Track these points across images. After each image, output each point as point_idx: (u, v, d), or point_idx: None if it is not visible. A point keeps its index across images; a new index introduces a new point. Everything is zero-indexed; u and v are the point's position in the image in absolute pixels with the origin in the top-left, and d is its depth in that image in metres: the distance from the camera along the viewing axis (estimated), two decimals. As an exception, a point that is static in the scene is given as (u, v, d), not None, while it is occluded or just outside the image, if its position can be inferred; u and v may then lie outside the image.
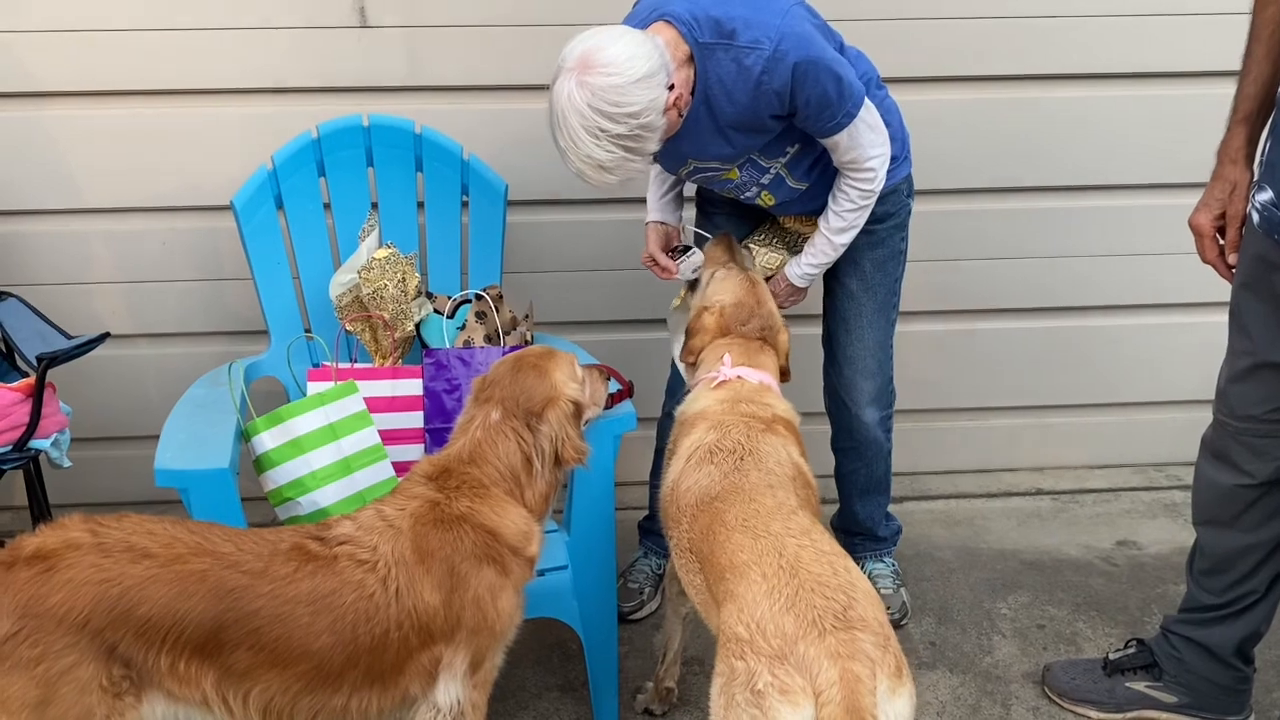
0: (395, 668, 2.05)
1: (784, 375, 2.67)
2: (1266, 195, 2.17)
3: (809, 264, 2.77)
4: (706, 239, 2.88)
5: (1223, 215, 2.35)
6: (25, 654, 1.81)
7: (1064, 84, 3.55)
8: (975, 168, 3.61)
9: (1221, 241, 2.38)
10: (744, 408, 2.42)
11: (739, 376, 2.50)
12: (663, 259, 2.83)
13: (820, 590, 1.81)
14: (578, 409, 2.31)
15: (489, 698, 2.25)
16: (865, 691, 1.69)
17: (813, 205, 2.75)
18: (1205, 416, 2.56)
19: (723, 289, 2.68)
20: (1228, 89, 2.36)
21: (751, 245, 2.88)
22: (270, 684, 1.97)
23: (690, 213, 3.08)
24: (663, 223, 2.89)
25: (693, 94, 2.43)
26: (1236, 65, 2.34)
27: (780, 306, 2.79)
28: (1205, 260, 2.43)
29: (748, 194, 2.75)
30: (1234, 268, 2.36)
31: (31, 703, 1.82)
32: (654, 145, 2.37)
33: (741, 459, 2.26)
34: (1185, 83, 3.52)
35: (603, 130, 2.26)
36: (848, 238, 2.71)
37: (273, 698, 1.98)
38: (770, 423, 2.39)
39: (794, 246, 2.87)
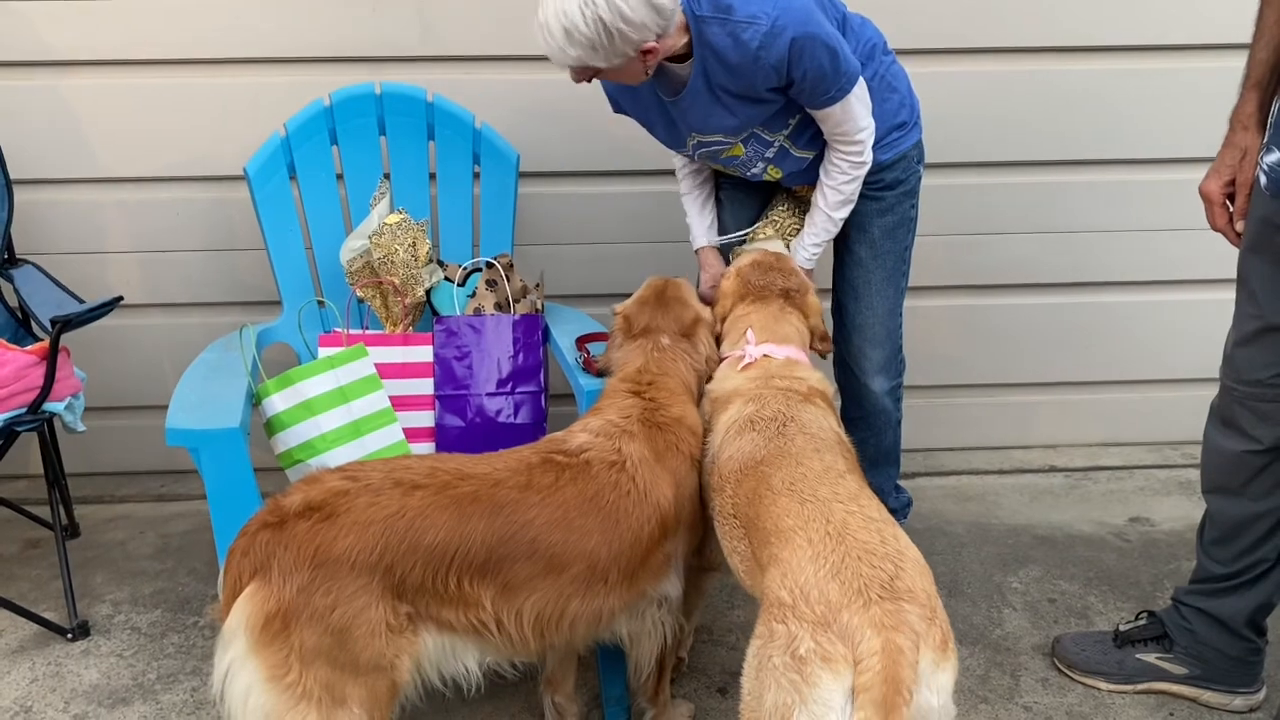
0: (643, 563, 2.16)
1: (816, 339, 2.65)
2: (1274, 156, 2.16)
3: (811, 243, 2.78)
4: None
5: (1233, 182, 2.33)
6: (319, 603, 1.85)
7: (1074, 57, 3.53)
8: (986, 141, 3.59)
9: (1231, 208, 2.37)
10: (777, 382, 2.41)
11: (765, 355, 2.48)
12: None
13: (867, 558, 1.79)
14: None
15: None
16: (906, 664, 1.66)
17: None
18: (1219, 392, 2.54)
19: (744, 257, 2.71)
20: (1239, 61, 2.34)
21: (775, 217, 2.89)
22: (546, 592, 2.03)
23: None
24: (713, 247, 2.96)
25: (676, 60, 2.45)
26: (1248, 38, 2.31)
27: None
28: (1214, 227, 2.41)
29: (754, 170, 2.75)
30: (1242, 235, 2.35)
31: (326, 650, 1.85)
32: (615, 59, 2.31)
33: (785, 424, 2.25)
34: (1197, 55, 3.51)
35: (594, 1, 2.22)
36: (845, 211, 2.73)
37: (545, 606, 2.04)
38: (808, 395, 2.39)
39: None
